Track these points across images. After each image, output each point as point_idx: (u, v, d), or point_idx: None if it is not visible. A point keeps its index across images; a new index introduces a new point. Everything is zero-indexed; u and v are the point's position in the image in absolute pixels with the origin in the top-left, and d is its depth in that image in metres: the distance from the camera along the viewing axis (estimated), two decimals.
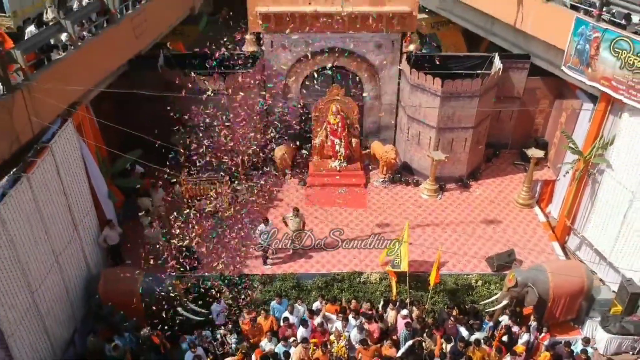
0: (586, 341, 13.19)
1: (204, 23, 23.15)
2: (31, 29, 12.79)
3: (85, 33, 13.10)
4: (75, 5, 13.77)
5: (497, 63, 17.14)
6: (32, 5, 16.13)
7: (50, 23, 12.77)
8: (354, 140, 18.11)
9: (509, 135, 19.26)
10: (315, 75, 17.44)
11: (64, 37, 12.63)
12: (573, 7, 15.18)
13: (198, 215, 14.10)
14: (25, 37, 12.47)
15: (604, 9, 14.16)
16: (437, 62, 17.05)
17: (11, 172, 11.02)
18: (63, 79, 12.25)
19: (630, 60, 13.46)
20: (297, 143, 18.14)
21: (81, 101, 13.33)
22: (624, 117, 14.46)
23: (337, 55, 17.62)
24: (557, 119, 18.28)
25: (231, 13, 17.75)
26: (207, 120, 15.71)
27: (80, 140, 13.44)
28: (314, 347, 12.10)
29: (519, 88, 18.20)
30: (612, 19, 14.17)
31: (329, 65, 17.81)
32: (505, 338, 13.00)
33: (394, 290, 14.28)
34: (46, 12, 14.05)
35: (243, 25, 17.37)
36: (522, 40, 17.35)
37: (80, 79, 12.97)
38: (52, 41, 12.71)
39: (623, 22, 13.96)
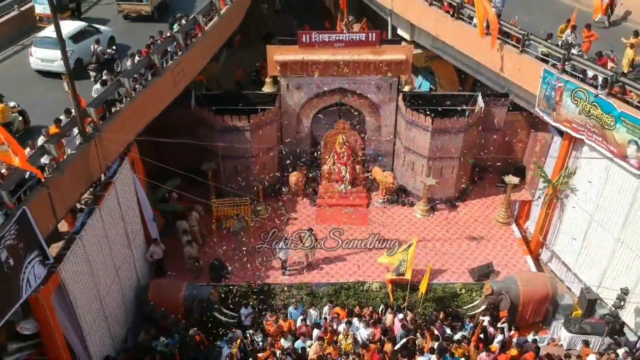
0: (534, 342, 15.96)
1: (224, 57, 25.98)
2: (97, 87, 15.63)
3: (137, 86, 15.93)
4: (128, 63, 16.60)
5: (480, 102, 20.01)
6: None
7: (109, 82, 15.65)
8: (357, 167, 20.99)
9: (492, 161, 22.10)
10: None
11: (122, 91, 15.47)
12: (543, 59, 18.00)
13: (226, 232, 16.98)
14: (93, 95, 15.29)
15: (566, 63, 17.02)
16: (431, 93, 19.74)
17: (87, 207, 13.92)
18: (122, 126, 15.15)
19: (587, 108, 16.33)
20: (309, 169, 21.02)
21: (133, 142, 16.19)
22: (584, 153, 17.33)
23: (343, 94, 20.51)
24: (533, 148, 21.14)
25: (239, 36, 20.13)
26: (233, 151, 18.62)
27: (132, 174, 16.33)
28: (327, 344, 14.98)
29: (500, 121, 21.07)
30: (572, 72, 17.02)
31: (336, 102, 20.71)
32: (482, 336, 15.89)
33: (392, 297, 17.13)
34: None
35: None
36: (503, 80, 20.17)
37: (134, 124, 15.87)
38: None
39: (581, 75, 16.80)
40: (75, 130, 13.68)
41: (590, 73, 16.54)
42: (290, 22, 37.17)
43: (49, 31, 17.55)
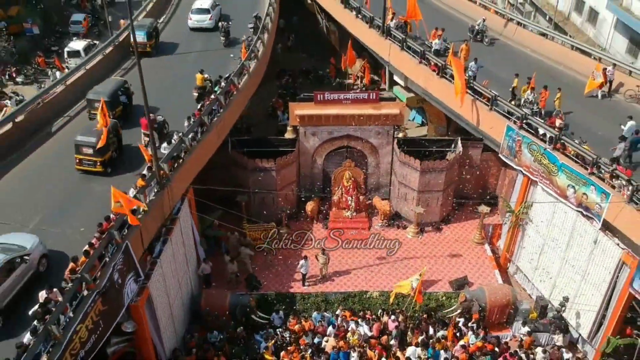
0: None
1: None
2: (164, 145, 20.48)
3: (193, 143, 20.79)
4: (185, 124, 21.39)
5: (459, 146, 24.93)
6: None
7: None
8: (361, 197, 25.90)
9: (471, 191, 26.97)
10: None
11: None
12: (506, 116, 22.84)
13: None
14: (163, 152, 20.09)
15: (524, 122, 21.90)
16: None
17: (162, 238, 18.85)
18: (184, 175, 20.05)
19: (539, 157, 21.24)
20: (322, 199, 25.95)
21: (190, 186, 21.08)
22: (538, 191, 22.22)
23: (349, 139, 25.44)
24: (503, 182, 26.05)
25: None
26: (261, 186, 23.55)
27: (188, 209, 21.22)
28: (339, 340, 19.88)
29: (476, 160, 25.98)
30: (528, 129, 21.87)
31: (344, 145, 25.65)
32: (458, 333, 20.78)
33: (392, 298, 21.72)
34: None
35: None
36: (478, 129, 25.06)
37: (191, 172, 20.77)
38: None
39: (534, 132, 21.69)
40: (154, 182, 18.57)
41: (541, 130, 21.46)
42: (300, 58, 42.22)
43: (198, 4, 33.52)
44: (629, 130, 20.94)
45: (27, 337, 13.22)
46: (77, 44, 37.36)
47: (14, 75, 37.29)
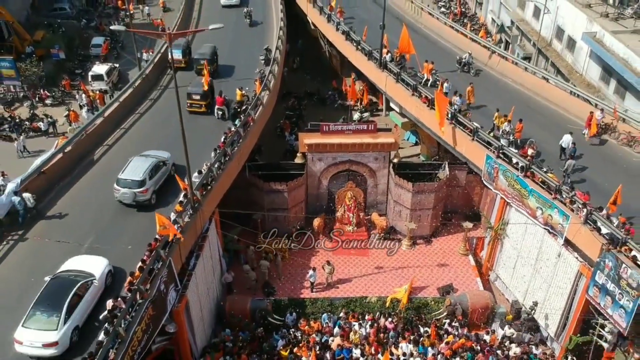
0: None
1: None
2: (195, 174, 24.09)
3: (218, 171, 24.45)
4: (212, 155, 24.97)
5: (446, 170, 28.64)
6: None
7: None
8: (361, 214, 29.59)
9: (457, 208, 30.65)
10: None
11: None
12: (486, 146, 26.51)
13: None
14: (194, 181, 23.69)
15: (500, 152, 25.59)
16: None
17: (195, 253, 22.54)
18: (212, 199, 23.70)
19: (512, 183, 24.95)
20: (327, 215, 29.65)
21: (216, 208, 24.75)
22: (513, 210, 25.92)
23: (350, 164, 29.15)
24: (486, 200, 29.75)
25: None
26: (274, 205, 27.26)
27: (215, 228, 24.88)
28: (343, 338, 23.59)
29: (462, 180, 29.68)
30: (504, 158, 25.56)
31: (346, 169, 29.38)
32: (444, 333, 24.48)
33: (388, 304, 25.36)
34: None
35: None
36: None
37: (217, 196, 24.43)
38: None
39: (508, 161, 25.39)
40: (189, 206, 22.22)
41: (514, 160, 25.16)
42: (304, 79, 45.94)
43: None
44: (566, 142, 25.78)
45: (101, 336, 16.85)
46: (100, 68, 40.96)
47: (44, 98, 40.71)
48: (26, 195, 22.02)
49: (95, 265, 19.07)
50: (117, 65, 43.05)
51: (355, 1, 46.00)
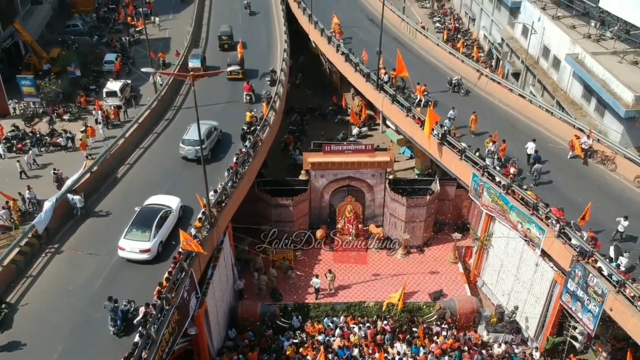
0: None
1: None
2: (212, 193, 26.81)
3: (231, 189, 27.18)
4: (225, 174, 27.68)
5: (437, 185, 31.43)
6: None
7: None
8: (359, 225, 32.37)
9: (448, 220, 33.41)
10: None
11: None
12: (473, 165, 29.27)
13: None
14: (211, 199, 26.44)
15: (485, 170, 28.37)
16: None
17: (212, 264, 25.30)
18: (226, 215, 26.44)
19: (495, 199, 27.74)
20: (328, 227, 32.43)
21: (229, 223, 27.50)
22: (496, 223, 28.71)
23: (350, 180, 31.93)
24: (473, 212, 32.54)
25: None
26: (281, 218, 30.02)
27: (229, 240, 27.63)
28: (344, 339, 26.36)
29: (451, 194, 32.45)
30: (488, 176, 28.33)
31: (346, 185, 32.16)
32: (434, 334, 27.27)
33: (384, 307, 28.09)
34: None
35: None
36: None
37: (231, 212, 27.16)
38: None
39: (492, 179, 28.17)
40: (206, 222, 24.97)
41: (497, 178, 27.94)
42: (306, 94, 48.66)
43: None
44: (531, 148, 29.13)
45: (136, 338, 19.58)
46: (114, 85, 43.70)
47: (62, 114, 43.32)
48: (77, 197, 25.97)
49: (171, 201, 25.52)
50: (129, 81, 45.72)
51: (353, 21, 48.74)
